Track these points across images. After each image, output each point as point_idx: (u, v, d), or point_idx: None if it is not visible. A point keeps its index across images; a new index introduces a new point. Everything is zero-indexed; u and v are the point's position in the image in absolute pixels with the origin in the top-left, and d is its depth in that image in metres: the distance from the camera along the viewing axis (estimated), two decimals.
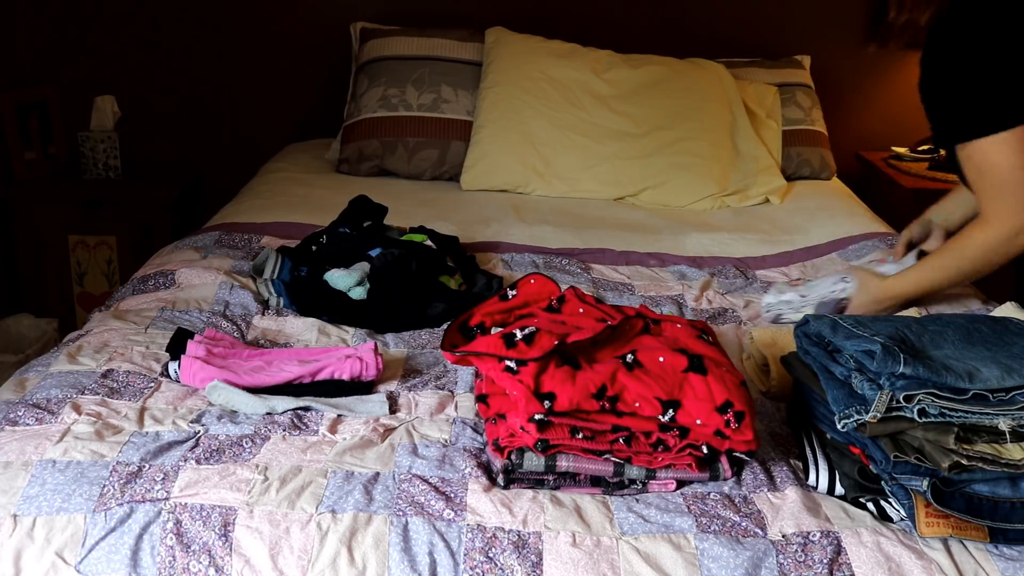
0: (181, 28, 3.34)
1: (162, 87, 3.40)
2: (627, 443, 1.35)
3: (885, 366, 1.28)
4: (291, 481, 1.33)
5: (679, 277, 2.25)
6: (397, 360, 1.74)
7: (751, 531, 1.29)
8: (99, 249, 3.15)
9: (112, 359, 1.66)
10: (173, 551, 1.24)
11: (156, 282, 2.01)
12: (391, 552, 1.24)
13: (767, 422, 1.57)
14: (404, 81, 3.02)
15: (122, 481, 1.32)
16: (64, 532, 1.25)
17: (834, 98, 3.42)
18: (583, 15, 3.34)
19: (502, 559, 1.23)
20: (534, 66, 2.97)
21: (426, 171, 2.97)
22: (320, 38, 3.37)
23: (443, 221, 2.46)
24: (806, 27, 3.40)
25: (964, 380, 1.27)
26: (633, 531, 1.28)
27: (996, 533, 1.27)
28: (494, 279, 2.09)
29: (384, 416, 1.52)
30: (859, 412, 1.29)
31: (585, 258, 2.34)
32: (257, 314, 1.91)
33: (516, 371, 1.38)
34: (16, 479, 1.32)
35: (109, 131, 3.23)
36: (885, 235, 2.46)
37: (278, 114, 3.45)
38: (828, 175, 3.16)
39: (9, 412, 1.47)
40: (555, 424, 1.33)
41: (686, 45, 3.21)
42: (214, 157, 3.45)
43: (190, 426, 1.47)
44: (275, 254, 2.09)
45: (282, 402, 1.53)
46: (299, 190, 2.76)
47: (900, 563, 1.24)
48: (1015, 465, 1.25)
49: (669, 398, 1.35)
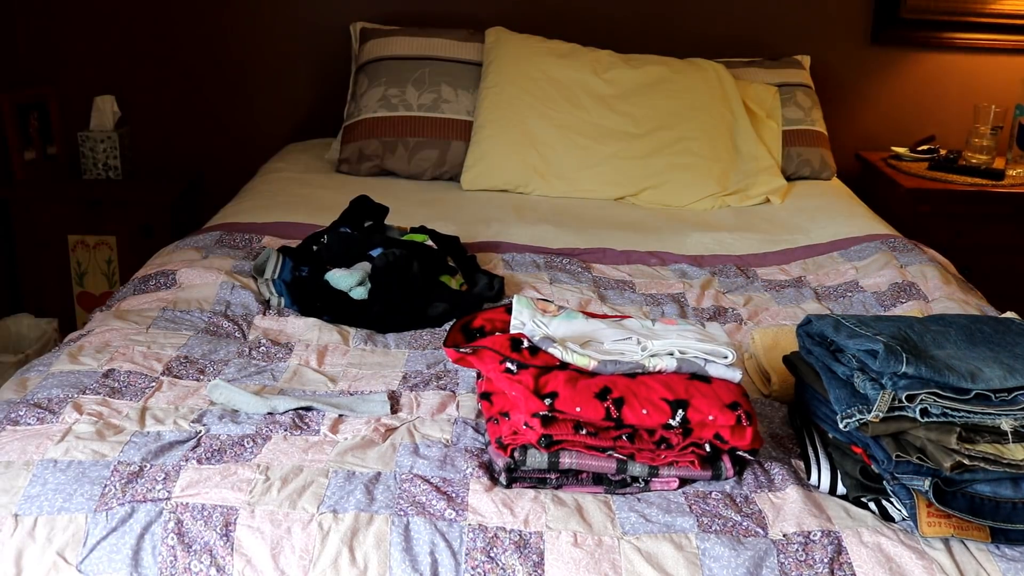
0: (181, 28, 3.34)
1: (162, 87, 3.39)
2: (630, 440, 1.35)
3: (887, 365, 1.28)
4: (292, 481, 1.33)
5: (680, 275, 2.25)
6: (398, 360, 1.74)
7: (752, 531, 1.29)
8: (99, 249, 3.14)
9: (113, 359, 1.66)
10: (174, 551, 1.23)
11: (157, 282, 2.01)
12: (392, 552, 1.23)
13: (767, 423, 1.58)
14: (404, 81, 3.02)
15: (123, 481, 1.31)
16: (65, 532, 1.25)
17: (834, 98, 3.43)
18: (583, 15, 3.34)
19: (504, 559, 1.23)
20: (534, 66, 2.97)
21: (426, 171, 2.97)
22: (320, 38, 3.37)
23: (443, 221, 2.46)
24: (806, 27, 3.41)
25: (966, 380, 1.27)
26: (635, 531, 1.28)
27: (997, 533, 1.27)
28: (495, 279, 2.09)
29: (385, 416, 1.52)
30: (861, 411, 1.29)
31: (586, 258, 2.34)
32: (258, 314, 1.91)
33: (515, 372, 1.38)
34: (17, 479, 1.32)
35: (109, 131, 3.23)
36: (886, 236, 2.46)
37: (278, 114, 3.44)
38: (828, 175, 3.16)
39: (10, 412, 1.47)
40: (559, 420, 1.34)
41: (686, 45, 3.22)
42: (214, 157, 3.45)
43: (191, 426, 1.47)
44: (276, 254, 2.09)
45: (283, 402, 1.53)
46: (299, 190, 2.76)
47: (901, 563, 1.24)
48: (1017, 465, 1.25)
49: (677, 398, 1.35)
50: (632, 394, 1.35)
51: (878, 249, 2.35)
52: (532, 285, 2.12)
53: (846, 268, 2.28)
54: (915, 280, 2.14)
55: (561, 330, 1.49)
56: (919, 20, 3.38)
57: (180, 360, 1.68)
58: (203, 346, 1.75)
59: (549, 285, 2.13)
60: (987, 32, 3.41)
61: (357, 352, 1.78)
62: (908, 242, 2.40)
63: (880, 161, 3.37)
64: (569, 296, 2.06)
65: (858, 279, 2.21)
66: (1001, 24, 3.40)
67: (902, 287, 2.11)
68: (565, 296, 2.06)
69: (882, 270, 2.22)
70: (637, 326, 1.53)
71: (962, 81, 3.42)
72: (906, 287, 2.11)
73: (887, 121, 3.52)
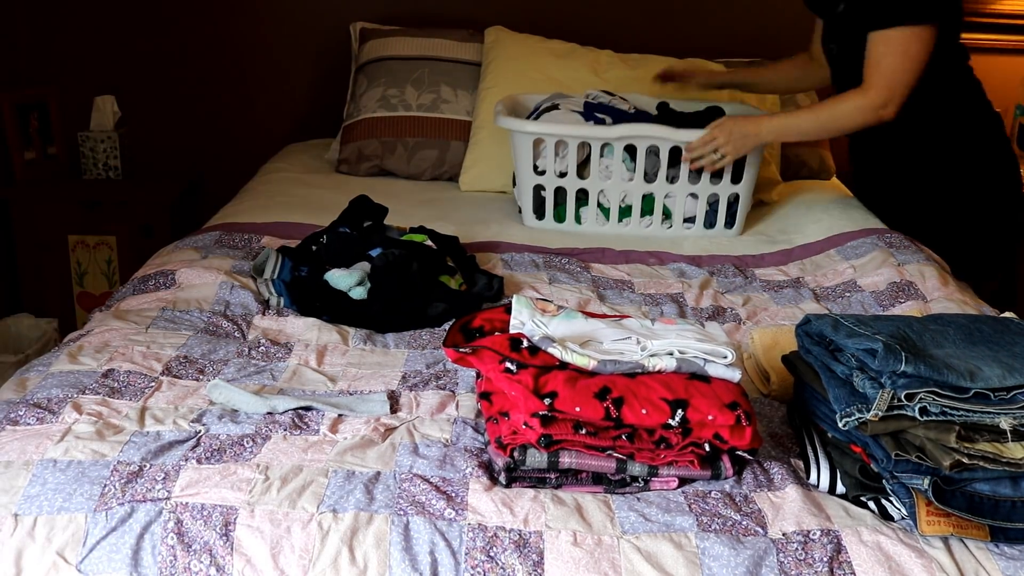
0: (181, 28, 3.34)
1: (162, 87, 3.40)
2: (630, 440, 1.35)
3: (887, 364, 1.28)
4: (292, 480, 1.33)
5: (679, 275, 2.25)
6: (397, 360, 1.74)
7: (752, 530, 1.29)
8: (99, 249, 3.15)
9: (113, 359, 1.66)
10: (174, 551, 1.24)
11: (156, 282, 2.01)
12: (392, 551, 1.24)
13: (767, 422, 1.58)
14: (404, 81, 3.02)
15: (123, 481, 1.31)
16: (65, 531, 1.25)
17: None
18: (583, 15, 3.34)
19: (503, 558, 1.23)
20: (534, 66, 2.97)
21: (425, 171, 2.98)
22: (320, 38, 3.37)
23: (443, 221, 2.46)
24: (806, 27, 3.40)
25: (965, 379, 1.27)
26: (634, 530, 1.28)
27: (997, 532, 1.27)
28: (494, 279, 2.09)
29: (385, 416, 1.52)
30: (860, 410, 1.29)
31: (585, 257, 2.34)
32: (258, 314, 1.91)
33: (515, 372, 1.38)
34: (17, 478, 1.32)
35: (109, 131, 3.23)
36: (882, 232, 2.45)
37: (278, 114, 3.45)
38: (827, 175, 3.16)
39: (10, 412, 1.47)
40: (558, 420, 1.34)
41: (686, 45, 3.21)
42: (214, 157, 3.45)
43: (191, 425, 1.47)
44: (275, 254, 2.09)
45: (283, 401, 1.53)
46: (299, 190, 2.76)
47: (900, 562, 1.24)
48: (1016, 464, 1.25)
49: (676, 398, 1.35)
50: (632, 394, 1.35)
51: (875, 245, 2.34)
52: (531, 285, 2.12)
53: (844, 267, 2.28)
54: (913, 279, 2.14)
55: (560, 330, 1.49)
56: None
57: (180, 360, 1.68)
58: (203, 346, 1.75)
59: (548, 285, 2.13)
60: (987, 32, 3.41)
61: (356, 352, 1.78)
62: (905, 238, 2.39)
63: None
64: (568, 296, 2.06)
65: (856, 279, 2.21)
66: (1001, 24, 3.40)
67: (900, 287, 2.11)
68: (564, 296, 2.06)
69: (880, 269, 2.21)
70: (636, 326, 1.53)
71: None
72: (904, 287, 2.11)
73: None
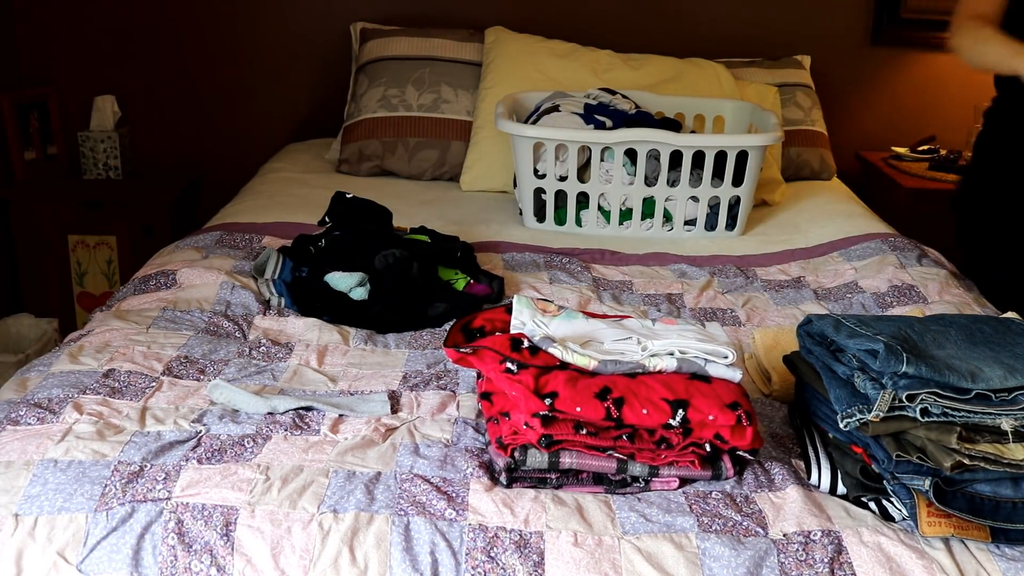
0: (181, 28, 3.34)
1: (162, 87, 3.39)
2: (630, 440, 1.35)
3: (888, 365, 1.28)
4: (293, 481, 1.33)
5: (679, 275, 2.25)
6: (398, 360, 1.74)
7: (752, 530, 1.29)
8: (99, 249, 3.15)
9: (113, 359, 1.66)
10: (175, 551, 1.23)
11: (157, 282, 2.01)
12: (393, 552, 1.23)
13: (767, 422, 1.58)
14: (404, 81, 3.02)
15: (124, 481, 1.31)
16: (66, 532, 1.25)
17: (834, 98, 3.42)
18: (583, 15, 3.34)
19: (504, 559, 1.23)
20: (534, 66, 2.97)
21: (426, 171, 2.97)
22: (320, 38, 3.37)
23: (443, 221, 2.46)
24: (806, 27, 3.41)
25: (967, 380, 1.27)
26: (635, 530, 1.28)
27: (998, 533, 1.27)
28: (495, 279, 2.09)
29: (386, 416, 1.52)
30: (861, 411, 1.29)
31: (585, 258, 2.34)
32: (258, 314, 1.91)
33: (515, 372, 1.38)
34: (18, 478, 1.32)
35: (109, 131, 3.23)
36: (885, 235, 2.46)
37: (278, 114, 3.44)
38: (828, 175, 3.16)
39: (11, 412, 1.47)
40: (559, 420, 1.34)
41: (686, 45, 3.22)
42: (214, 157, 3.45)
43: (191, 426, 1.47)
44: (276, 254, 2.09)
45: (283, 402, 1.53)
46: (299, 190, 2.76)
47: (901, 562, 1.24)
48: (1017, 465, 1.25)
49: (677, 398, 1.35)
50: (632, 394, 1.35)
51: (878, 249, 2.35)
52: (532, 285, 2.12)
53: (845, 268, 2.28)
54: (914, 281, 2.14)
55: (561, 330, 1.49)
56: (919, 20, 3.37)
57: (180, 360, 1.68)
58: (203, 346, 1.75)
59: (549, 285, 2.13)
60: None
61: (357, 352, 1.78)
62: (908, 241, 2.40)
63: (880, 161, 3.37)
64: (569, 296, 2.06)
65: (857, 279, 2.21)
66: None
67: (901, 288, 2.11)
68: (565, 296, 2.06)
69: (881, 270, 2.21)
70: (637, 326, 1.53)
71: (962, 81, 3.41)
72: (906, 288, 2.11)
73: (887, 121, 3.52)
